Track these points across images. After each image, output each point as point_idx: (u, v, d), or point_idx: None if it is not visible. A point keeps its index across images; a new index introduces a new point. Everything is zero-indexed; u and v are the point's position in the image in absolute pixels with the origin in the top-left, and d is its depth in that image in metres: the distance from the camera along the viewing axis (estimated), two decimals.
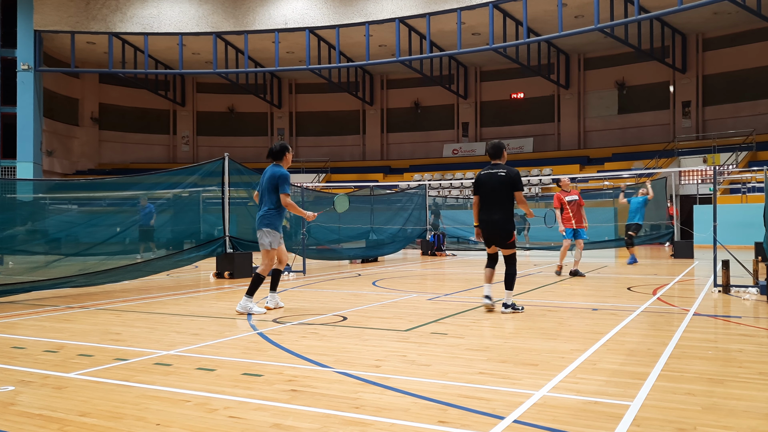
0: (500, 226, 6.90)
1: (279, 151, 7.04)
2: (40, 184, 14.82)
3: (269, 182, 6.90)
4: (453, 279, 11.36)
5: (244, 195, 13.58)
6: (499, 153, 7.10)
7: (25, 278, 8.64)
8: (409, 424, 3.17)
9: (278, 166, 7.02)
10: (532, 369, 4.29)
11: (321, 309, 7.34)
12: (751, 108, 30.15)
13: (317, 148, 39.08)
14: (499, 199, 6.91)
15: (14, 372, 4.32)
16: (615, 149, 32.23)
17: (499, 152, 7.09)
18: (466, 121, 37.20)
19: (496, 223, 6.91)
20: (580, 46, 33.01)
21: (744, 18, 27.32)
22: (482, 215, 7.00)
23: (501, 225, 6.90)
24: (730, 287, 8.46)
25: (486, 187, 6.98)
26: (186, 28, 30.48)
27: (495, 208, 6.92)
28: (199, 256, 11.64)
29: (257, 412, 3.38)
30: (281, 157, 7.04)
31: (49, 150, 33.79)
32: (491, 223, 6.94)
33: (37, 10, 29.85)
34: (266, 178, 6.95)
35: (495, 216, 6.90)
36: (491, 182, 6.96)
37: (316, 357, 4.69)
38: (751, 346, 5.06)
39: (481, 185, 7.03)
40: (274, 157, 7.04)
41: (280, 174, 6.89)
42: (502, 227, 6.90)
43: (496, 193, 6.91)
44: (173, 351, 4.96)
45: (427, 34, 28.07)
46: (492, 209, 6.94)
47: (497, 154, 7.10)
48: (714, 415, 3.28)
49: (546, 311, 7.06)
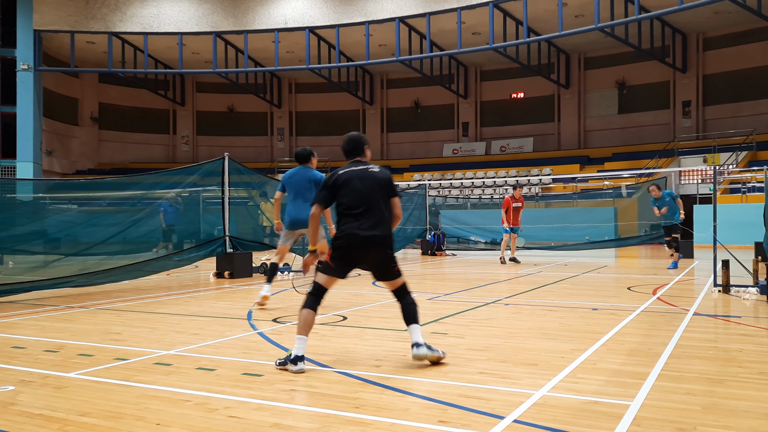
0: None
1: (308, 154, 7.60)
2: (40, 184, 14.83)
3: (310, 183, 7.40)
4: (453, 279, 11.35)
5: (244, 195, 13.59)
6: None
7: (25, 278, 8.64)
8: (409, 423, 3.17)
9: (308, 168, 7.58)
10: (532, 369, 4.29)
11: (321, 309, 7.32)
12: (751, 108, 30.15)
13: (317, 148, 38.13)
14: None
15: (14, 372, 4.32)
16: (615, 149, 32.22)
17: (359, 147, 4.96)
18: (466, 121, 37.19)
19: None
20: (581, 46, 33.00)
21: (745, 18, 27.31)
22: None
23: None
24: (730, 287, 8.46)
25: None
26: (186, 28, 30.48)
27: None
28: (199, 256, 11.64)
29: (257, 412, 3.38)
30: (309, 160, 7.61)
31: (49, 150, 33.79)
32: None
33: (37, 10, 29.83)
34: (304, 180, 7.42)
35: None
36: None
37: (316, 357, 4.69)
38: (751, 345, 5.06)
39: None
40: (302, 160, 7.59)
41: (321, 177, 7.41)
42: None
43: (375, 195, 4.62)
44: (173, 351, 4.96)
45: (427, 33, 28.07)
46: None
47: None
48: (714, 415, 3.28)
49: (546, 311, 7.06)
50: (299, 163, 7.66)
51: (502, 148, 35.40)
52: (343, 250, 4.49)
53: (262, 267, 12.12)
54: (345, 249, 4.49)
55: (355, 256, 4.51)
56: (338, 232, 4.56)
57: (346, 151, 4.95)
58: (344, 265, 4.54)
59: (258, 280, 11.15)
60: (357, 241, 4.46)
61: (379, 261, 4.57)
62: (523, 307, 7.37)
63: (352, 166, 4.78)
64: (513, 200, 14.81)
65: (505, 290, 9.32)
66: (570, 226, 20.35)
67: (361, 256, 4.52)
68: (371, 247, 4.48)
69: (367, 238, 4.46)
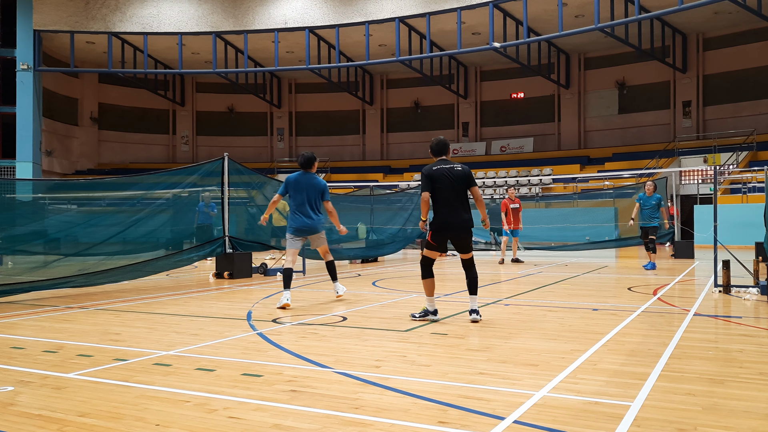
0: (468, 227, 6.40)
1: (313, 160, 7.80)
2: (40, 184, 14.81)
3: (315, 189, 7.70)
4: (453, 279, 11.35)
5: (244, 195, 13.58)
6: (445, 149, 6.48)
7: (25, 278, 8.64)
8: (409, 424, 3.16)
9: (312, 174, 7.80)
10: (532, 369, 4.28)
11: (321, 309, 7.33)
12: (751, 108, 30.14)
13: (317, 148, 39.04)
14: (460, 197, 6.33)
15: (14, 372, 4.31)
16: (615, 149, 32.22)
17: (445, 148, 6.47)
18: (466, 121, 37.19)
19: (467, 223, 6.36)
20: (581, 46, 33.00)
21: (744, 18, 27.31)
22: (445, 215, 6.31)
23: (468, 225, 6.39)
24: (731, 287, 8.45)
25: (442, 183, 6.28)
26: (185, 28, 30.47)
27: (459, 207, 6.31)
28: (198, 256, 11.64)
29: (257, 413, 3.38)
30: (312, 166, 7.79)
31: (49, 150, 33.77)
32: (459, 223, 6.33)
33: (37, 10, 29.83)
34: (311, 187, 7.67)
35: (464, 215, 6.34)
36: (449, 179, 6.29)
37: (315, 357, 4.69)
38: (751, 346, 5.05)
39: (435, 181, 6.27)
40: (307, 166, 7.76)
41: (325, 184, 7.85)
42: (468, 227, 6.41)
43: (458, 191, 6.31)
44: (173, 351, 4.95)
45: (427, 33, 28.06)
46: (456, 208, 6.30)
47: (444, 150, 6.48)
48: (714, 416, 3.28)
49: (546, 311, 7.06)
50: (304, 168, 7.76)
51: (503, 148, 35.40)
52: (440, 231, 6.34)
53: (261, 267, 12.11)
54: (441, 231, 6.34)
55: (448, 236, 6.38)
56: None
57: (435, 152, 6.44)
58: (443, 241, 6.40)
59: (257, 280, 11.14)
60: (449, 226, 6.29)
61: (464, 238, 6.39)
62: (523, 308, 7.36)
63: (441, 164, 6.34)
64: (510, 201, 15.22)
65: (505, 291, 9.32)
66: (570, 227, 20.34)
67: (452, 235, 6.37)
68: (459, 228, 6.32)
69: (455, 222, 6.28)
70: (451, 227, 6.31)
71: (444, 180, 6.24)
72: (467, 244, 6.41)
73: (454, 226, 6.30)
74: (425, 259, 6.46)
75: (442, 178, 6.25)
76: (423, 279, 6.45)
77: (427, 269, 6.45)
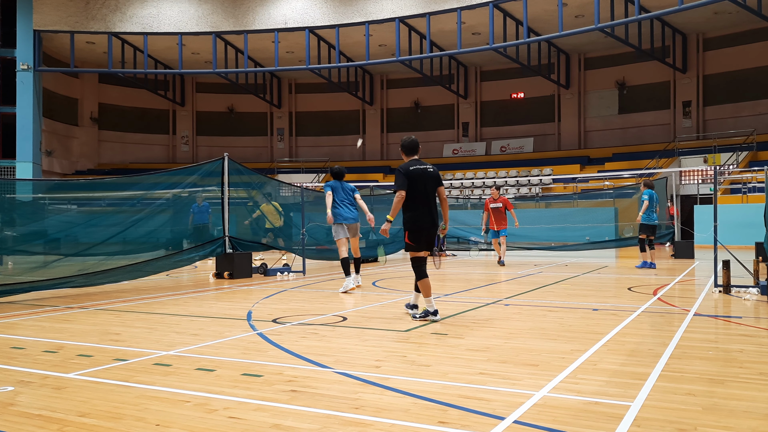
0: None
1: (344, 173, 9.70)
2: (40, 184, 14.80)
3: (351, 193, 9.57)
4: (453, 279, 11.35)
5: (244, 195, 13.59)
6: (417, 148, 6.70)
7: (25, 278, 8.64)
8: (409, 424, 3.16)
9: (344, 182, 9.63)
10: (532, 369, 4.28)
11: (321, 309, 7.33)
12: (751, 108, 30.14)
13: (317, 148, 39.08)
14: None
15: (14, 372, 4.31)
16: (615, 149, 32.21)
17: (417, 147, 6.69)
18: (466, 121, 37.19)
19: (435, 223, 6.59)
20: (581, 46, 33.00)
21: (744, 18, 27.31)
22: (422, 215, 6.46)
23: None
24: (731, 287, 8.45)
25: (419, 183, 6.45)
26: (185, 28, 30.47)
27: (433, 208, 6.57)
28: (198, 256, 11.63)
29: (257, 413, 3.38)
30: (344, 176, 9.69)
31: (49, 150, 33.76)
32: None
33: (37, 10, 29.83)
34: (347, 190, 9.54)
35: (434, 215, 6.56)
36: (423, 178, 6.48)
37: (316, 357, 4.69)
38: (751, 346, 5.05)
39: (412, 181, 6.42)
40: (339, 177, 9.60)
41: (354, 188, 9.68)
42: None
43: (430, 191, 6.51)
44: (173, 351, 4.95)
45: (427, 33, 28.06)
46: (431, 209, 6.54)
47: (416, 149, 6.68)
48: (714, 416, 3.28)
49: (546, 311, 7.06)
50: (337, 179, 9.59)
51: (503, 148, 35.40)
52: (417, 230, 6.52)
53: (261, 267, 12.11)
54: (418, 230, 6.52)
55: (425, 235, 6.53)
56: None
57: (408, 150, 6.66)
58: (420, 239, 6.51)
59: (257, 280, 11.15)
60: (426, 225, 6.47)
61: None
62: (523, 308, 7.36)
63: (416, 164, 6.52)
64: (492, 201, 14.65)
65: (505, 291, 9.32)
66: (570, 227, 20.34)
67: (426, 234, 6.52)
68: (432, 227, 6.54)
69: (432, 222, 6.51)
70: (427, 226, 6.52)
71: (420, 180, 6.45)
72: (433, 241, 6.71)
73: (429, 225, 6.53)
74: (416, 260, 6.50)
75: (419, 178, 6.46)
76: (418, 281, 6.44)
77: (420, 270, 6.46)
